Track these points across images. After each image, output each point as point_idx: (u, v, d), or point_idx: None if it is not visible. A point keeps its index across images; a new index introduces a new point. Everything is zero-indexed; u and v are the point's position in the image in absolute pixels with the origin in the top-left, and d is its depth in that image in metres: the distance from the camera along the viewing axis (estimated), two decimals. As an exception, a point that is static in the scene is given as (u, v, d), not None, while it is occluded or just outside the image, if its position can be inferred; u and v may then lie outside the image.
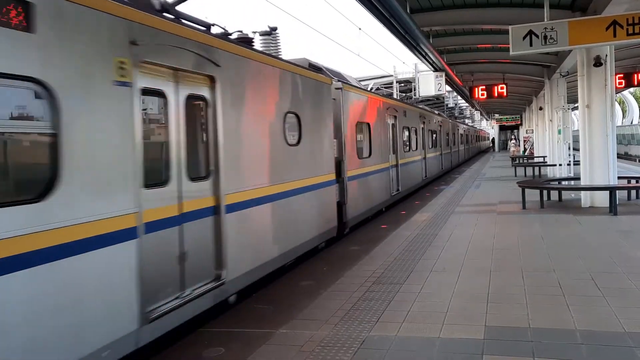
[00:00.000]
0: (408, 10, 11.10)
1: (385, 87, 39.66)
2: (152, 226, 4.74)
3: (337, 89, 10.51)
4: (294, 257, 7.89)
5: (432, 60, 16.51)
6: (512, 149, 34.14)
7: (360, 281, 6.67)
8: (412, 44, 13.66)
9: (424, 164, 20.09)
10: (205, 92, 5.78)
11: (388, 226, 11.01)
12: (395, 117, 15.20)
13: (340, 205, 10.34)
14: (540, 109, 26.38)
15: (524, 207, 12.67)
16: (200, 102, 5.78)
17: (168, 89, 5.18)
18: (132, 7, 4.59)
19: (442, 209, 13.05)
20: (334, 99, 10.28)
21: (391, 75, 38.91)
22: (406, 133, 17.16)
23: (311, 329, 5.04)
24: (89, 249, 3.97)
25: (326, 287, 6.48)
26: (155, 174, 4.98)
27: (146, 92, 4.79)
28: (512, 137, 37.32)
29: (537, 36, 10.29)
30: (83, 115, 3.99)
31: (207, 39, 5.76)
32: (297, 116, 8.18)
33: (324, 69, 10.91)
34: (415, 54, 15.41)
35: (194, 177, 5.52)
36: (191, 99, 5.53)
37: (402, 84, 39.70)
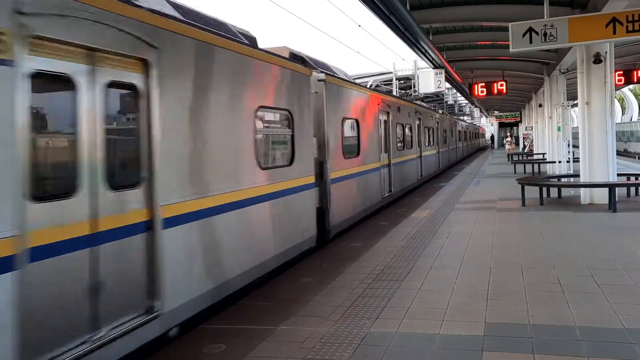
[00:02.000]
0: (408, 7, 11.07)
1: (384, 84, 39.66)
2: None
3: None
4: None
5: (431, 57, 16.50)
6: (507, 146, 33.62)
7: (361, 278, 6.68)
8: (411, 41, 13.64)
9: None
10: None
11: (388, 223, 11.03)
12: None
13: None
14: (540, 106, 26.38)
15: (523, 204, 12.69)
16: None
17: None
18: None
19: (441, 206, 13.07)
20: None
21: (390, 72, 38.93)
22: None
23: (312, 326, 5.06)
24: None
25: (326, 284, 6.50)
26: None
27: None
28: (509, 134, 36.97)
29: (537, 33, 10.28)
30: None
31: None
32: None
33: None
34: (415, 51, 15.39)
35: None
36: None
37: (402, 81, 39.70)
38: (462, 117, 49.84)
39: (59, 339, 3.73)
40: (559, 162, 17.79)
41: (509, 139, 33.95)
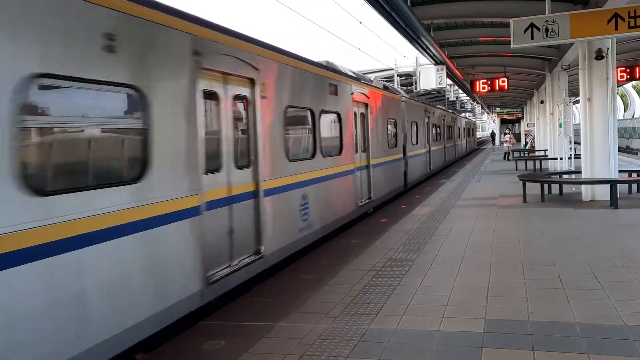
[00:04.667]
0: (409, 3, 11.04)
1: (386, 81, 39.57)
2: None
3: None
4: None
5: (433, 53, 16.46)
6: (505, 145, 32.58)
7: (361, 274, 6.67)
8: (413, 38, 13.61)
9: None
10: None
11: (388, 220, 11.02)
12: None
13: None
14: (542, 102, 26.32)
15: (524, 201, 12.67)
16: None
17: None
18: None
19: (442, 203, 13.05)
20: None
21: (392, 69, 38.83)
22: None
23: (311, 322, 5.05)
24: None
25: (326, 281, 6.49)
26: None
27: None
28: (507, 130, 36.29)
29: (538, 29, 10.25)
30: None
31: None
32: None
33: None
34: (417, 48, 15.36)
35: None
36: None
37: (403, 78, 39.61)
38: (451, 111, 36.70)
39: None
40: (561, 158, 17.75)
41: (507, 136, 32.93)
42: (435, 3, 13.36)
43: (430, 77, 19.10)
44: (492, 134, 68.85)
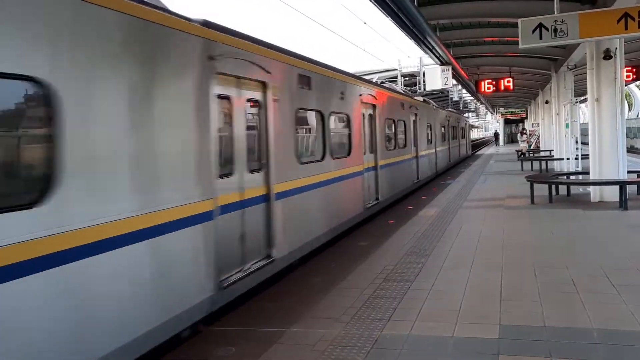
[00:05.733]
0: (415, 4, 10.96)
1: (389, 81, 39.48)
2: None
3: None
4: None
5: (438, 53, 16.39)
6: (521, 144, 32.55)
7: (370, 278, 6.59)
8: (419, 38, 13.54)
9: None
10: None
11: (395, 222, 10.94)
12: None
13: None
14: (547, 102, 26.20)
15: (532, 202, 12.56)
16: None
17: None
18: None
19: (449, 204, 12.96)
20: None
21: (395, 69, 38.74)
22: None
23: (322, 328, 4.98)
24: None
25: (336, 284, 6.41)
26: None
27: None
28: (524, 130, 35.76)
29: (547, 29, 10.16)
30: None
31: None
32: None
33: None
34: (422, 48, 15.29)
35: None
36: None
37: (407, 78, 39.51)
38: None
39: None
40: (567, 159, 17.63)
41: (524, 136, 32.41)
42: (442, 3, 13.28)
43: (436, 77, 19.03)
44: (496, 134, 68.61)
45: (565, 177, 15.01)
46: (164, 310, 4.50)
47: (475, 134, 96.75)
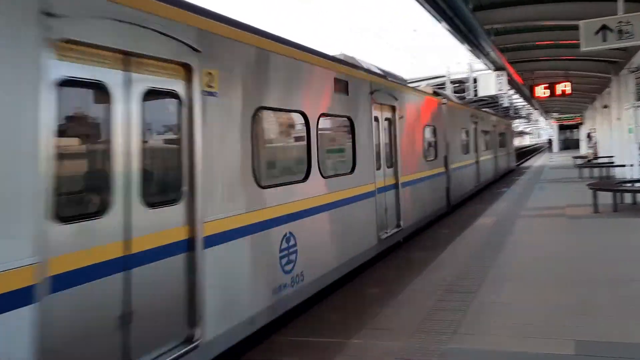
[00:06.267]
0: (471, 8, 10.73)
1: (438, 88, 38.96)
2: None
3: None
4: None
5: (493, 58, 15.99)
6: (588, 150, 30.81)
7: (431, 289, 6.43)
8: (474, 43, 13.25)
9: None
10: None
11: (451, 231, 10.68)
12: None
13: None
14: (605, 106, 25.15)
15: (595, 211, 12.00)
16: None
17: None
18: None
19: (506, 213, 12.55)
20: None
21: (444, 76, 38.21)
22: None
23: (384, 340, 4.87)
24: None
25: (394, 295, 6.28)
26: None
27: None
28: (592, 133, 34.02)
29: (611, 30, 9.73)
30: None
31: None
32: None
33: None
34: (476, 54, 14.96)
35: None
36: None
37: (457, 85, 38.89)
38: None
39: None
40: (631, 165, 16.82)
41: (592, 141, 30.43)
42: (497, 7, 12.96)
43: (490, 83, 18.55)
44: (550, 142, 66.56)
45: (630, 185, 14.29)
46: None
47: (527, 141, 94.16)
